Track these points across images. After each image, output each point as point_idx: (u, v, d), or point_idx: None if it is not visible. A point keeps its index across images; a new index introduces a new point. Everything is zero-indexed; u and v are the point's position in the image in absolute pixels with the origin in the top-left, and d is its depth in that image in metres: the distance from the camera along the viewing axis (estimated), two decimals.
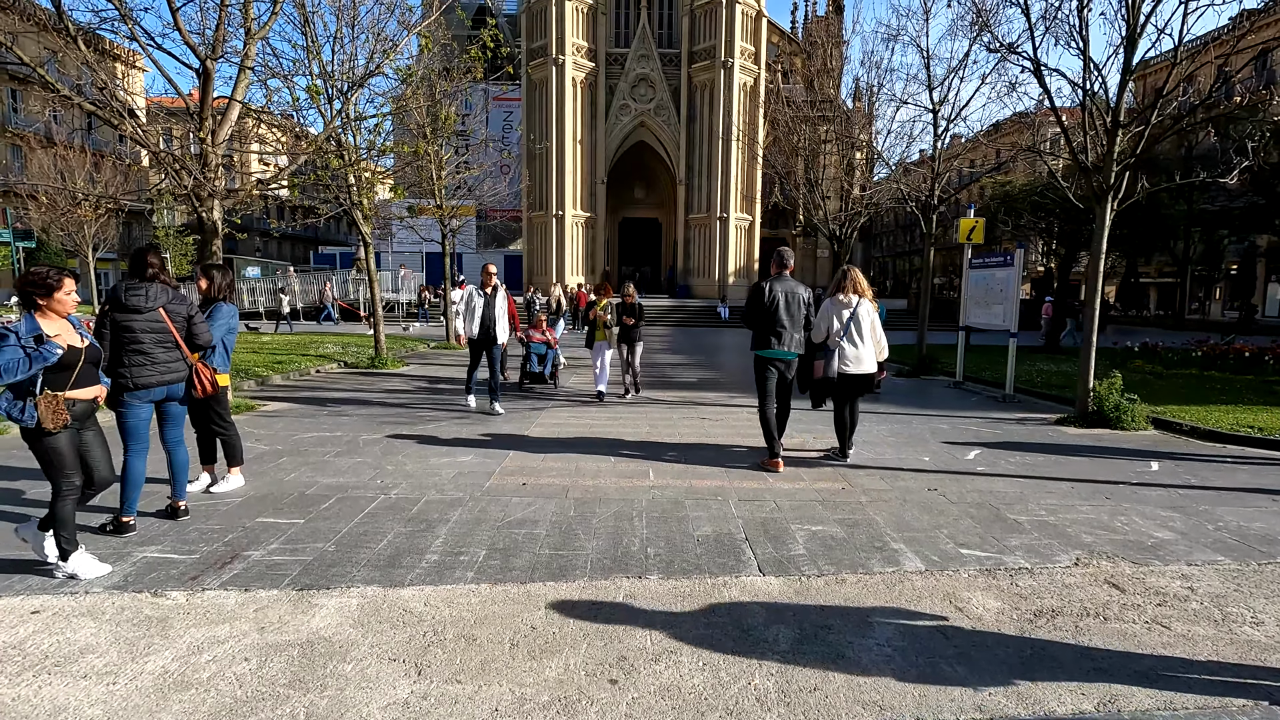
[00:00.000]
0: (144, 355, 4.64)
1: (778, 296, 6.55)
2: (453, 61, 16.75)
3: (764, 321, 6.55)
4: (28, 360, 3.60)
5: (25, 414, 3.65)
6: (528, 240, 41.29)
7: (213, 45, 8.44)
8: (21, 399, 3.66)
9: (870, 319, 6.72)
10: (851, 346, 6.62)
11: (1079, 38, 8.85)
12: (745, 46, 38.89)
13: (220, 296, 5.66)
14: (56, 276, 3.87)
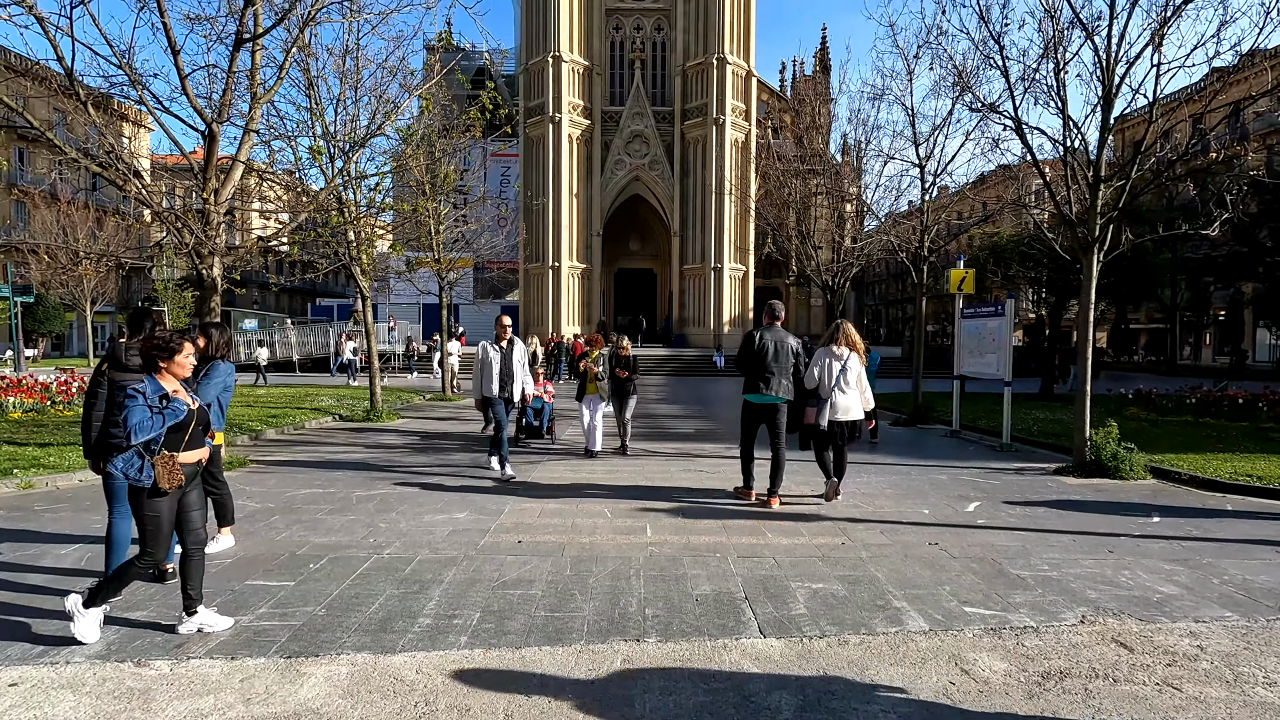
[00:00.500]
0: None
1: (768, 345, 7.02)
2: (453, 120, 17.26)
3: (754, 368, 7.06)
4: (160, 418, 3.75)
5: (144, 473, 3.75)
6: (524, 291, 41.69)
7: (219, 110, 8.68)
8: (140, 459, 3.77)
9: (858, 371, 7.17)
10: (842, 396, 7.06)
11: (1057, 98, 9.19)
12: (736, 104, 40.15)
13: (217, 354, 5.67)
14: (178, 341, 4.01)
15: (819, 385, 7.07)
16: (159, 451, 3.78)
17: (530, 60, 40.00)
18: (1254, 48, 8.47)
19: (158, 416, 3.74)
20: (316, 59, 12.30)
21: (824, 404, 6.98)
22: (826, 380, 7.03)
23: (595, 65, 40.60)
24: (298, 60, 11.10)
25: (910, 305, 55.24)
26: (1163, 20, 8.61)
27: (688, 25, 40.37)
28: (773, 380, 7.00)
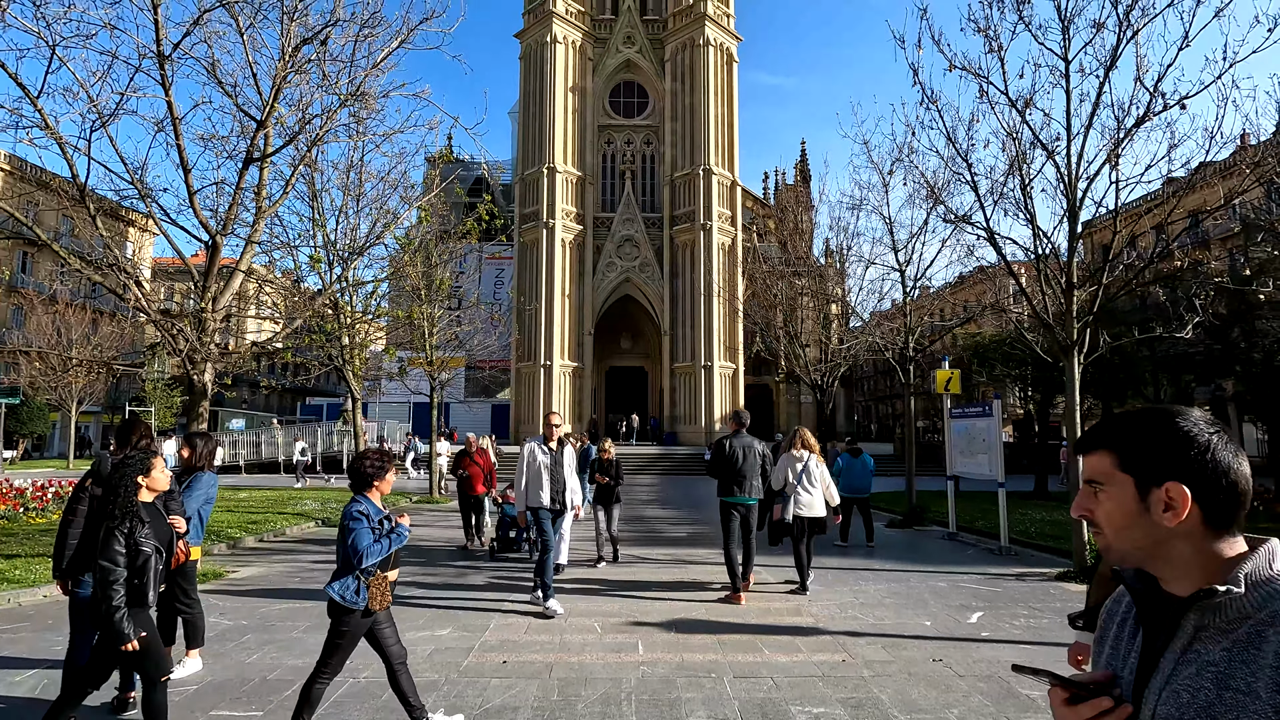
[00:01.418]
0: None
1: (736, 451, 7.64)
2: (450, 227, 17.92)
3: (726, 472, 7.61)
4: (387, 541, 3.77)
5: (360, 595, 3.72)
6: (516, 390, 41.80)
7: (224, 223, 9.00)
8: (356, 580, 3.75)
9: (819, 470, 7.91)
10: (805, 493, 7.74)
11: (1025, 211, 9.70)
12: (722, 211, 42.03)
13: (200, 465, 5.59)
14: (390, 460, 4.10)
15: (783, 485, 7.82)
16: (373, 573, 3.77)
17: (526, 171, 42.07)
18: (1204, 162, 9.08)
19: (384, 540, 3.75)
20: (321, 173, 12.91)
21: (786, 501, 7.73)
22: (790, 478, 7.81)
23: (588, 175, 42.72)
24: (303, 175, 11.64)
25: (899, 401, 55.62)
26: (1116, 141, 9.25)
27: (675, 140, 42.89)
28: (744, 483, 7.58)
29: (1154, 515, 1.10)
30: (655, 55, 44.09)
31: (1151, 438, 1.13)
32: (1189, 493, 1.07)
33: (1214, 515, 1.09)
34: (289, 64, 8.87)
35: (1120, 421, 1.20)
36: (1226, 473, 1.09)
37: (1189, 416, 1.16)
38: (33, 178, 39.59)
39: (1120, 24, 9.10)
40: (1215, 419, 1.16)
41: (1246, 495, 1.10)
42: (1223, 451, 1.10)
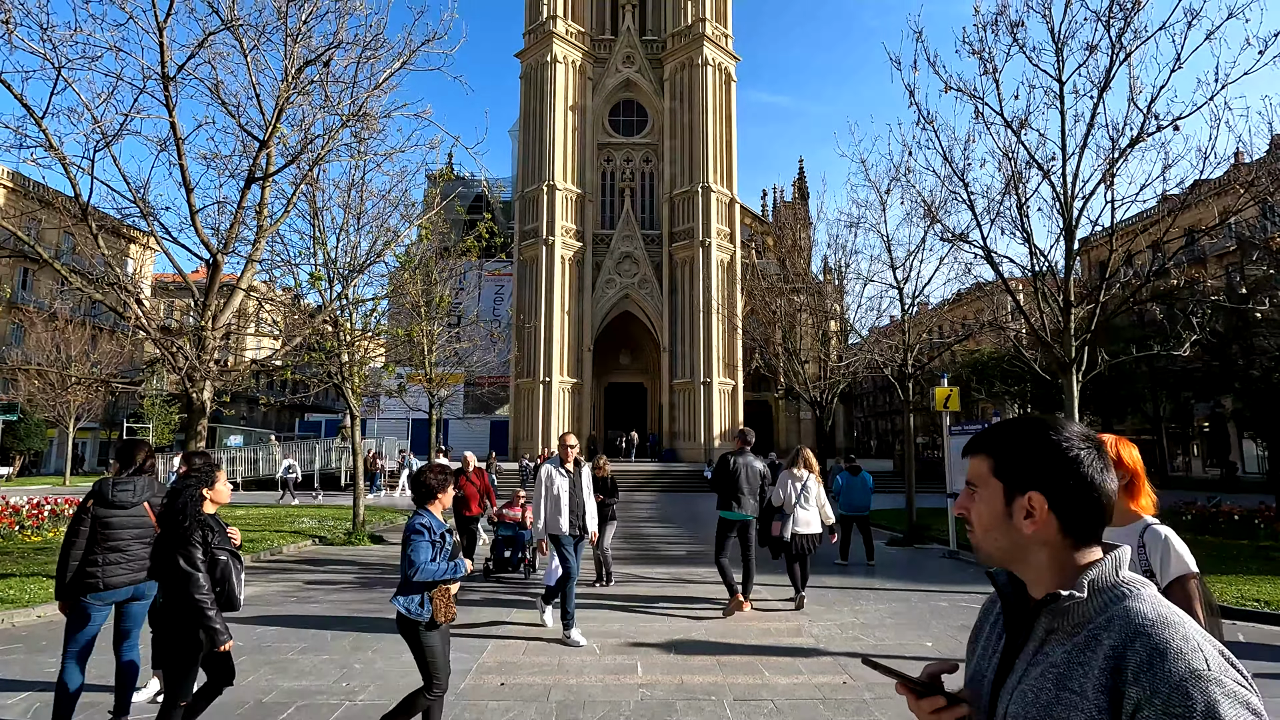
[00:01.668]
0: (120, 553, 4.45)
1: (739, 469, 7.95)
2: (450, 244, 18.00)
3: (727, 488, 7.91)
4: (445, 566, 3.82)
5: (424, 608, 3.77)
6: (514, 406, 41.75)
7: (225, 241, 9.05)
8: (420, 593, 3.79)
9: (816, 490, 8.25)
10: (803, 511, 8.06)
11: (1022, 230, 9.77)
12: (721, 228, 42.26)
13: None
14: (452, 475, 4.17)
15: (783, 503, 8.09)
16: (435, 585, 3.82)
17: (526, 188, 42.35)
18: (1198, 180, 9.17)
19: (443, 563, 3.80)
20: (323, 191, 12.99)
21: (786, 519, 8.01)
22: (790, 499, 8.09)
23: (587, 193, 43.00)
24: (305, 193, 11.72)
25: (898, 417, 55.56)
26: (1111, 161, 9.35)
27: (674, 158, 43.23)
28: (743, 499, 7.90)
29: (1016, 521, 1.16)
30: (654, 74, 44.57)
31: (1021, 447, 1.19)
32: (1046, 503, 1.12)
33: (1072, 526, 1.14)
34: (292, 85, 8.96)
35: (1001, 429, 1.25)
36: (1089, 487, 1.13)
37: (1062, 430, 1.19)
38: (35, 194, 39.81)
39: (1113, 46, 9.24)
40: (1091, 434, 1.20)
41: (1107, 509, 1.14)
42: (1089, 467, 1.14)
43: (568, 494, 6.94)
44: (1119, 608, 1.06)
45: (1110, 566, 1.11)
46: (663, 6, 45.27)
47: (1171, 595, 2.11)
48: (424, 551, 3.74)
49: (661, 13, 45.33)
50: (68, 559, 4.39)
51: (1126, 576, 1.11)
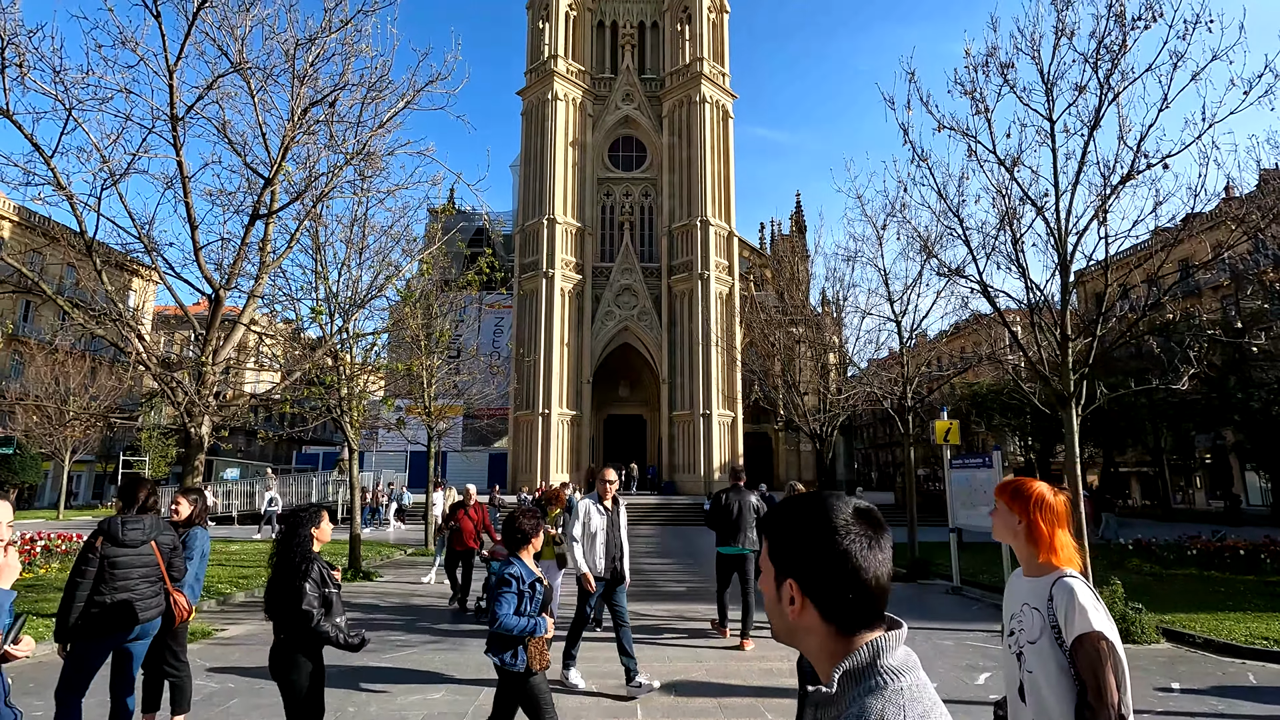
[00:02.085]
0: (128, 592, 4.39)
1: (733, 504, 8.18)
2: (450, 277, 18.13)
3: (723, 525, 8.14)
4: (528, 622, 3.76)
5: (518, 659, 3.74)
6: (513, 439, 41.57)
7: (228, 277, 9.13)
8: (510, 647, 3.74)
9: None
10: None
11: (1017, 265, 9.86)
12: (719, 261, 42.62)
13: (195, 521, 5.54)
14: (539, 524, 4.12)
15: None
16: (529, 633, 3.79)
17: (526, 222, 42.83)
18: (1190, 213, 9.29)
19: (527, 619, 3.77)
20: (326, 226, 13.14)
21: None
22: None
23: (587, 226, 43.48)
24: (307, 229, 11.85)
25: (899, 448, 55.28)
26: (1103, 198, 9.47)
27: (672, 192, 43.82)
28: (740, 535, 8.05)
29: (783, 606, 1.12)
30: (653, 111, 45.43)
31: (784, 530, 1.14)
32: (800, 589, 1.08)
33: (831, 613, 1.08)
34: (298, 125, 9.14)
35: (778, 508, 1.21)
36: (846, 572, 1.07)
37: (827, 510, 1.13)
38: (40, 228, 40.21)
39: (1101, 87, 9.44)
40: (866, 512, 1.13)
41: (875, 596, 1.08)
42: (847, 550, 1.08)
43: (604, 533, 6.58)
44: (858, 704, 1.00)
45: (865, 655, 1.05)
46: (661, 46, 46.37)
47: (1078, 654, 2.04)
48: (508, 604, 3.71)
49: (660, 52, 46.42)
50: (73, 599, 4.28)
51: (884, 664, 1.03)
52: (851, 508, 1.14)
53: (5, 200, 40.53)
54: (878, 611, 1.10)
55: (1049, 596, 2.16)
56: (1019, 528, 2.33)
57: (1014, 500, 2.35)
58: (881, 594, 1.09)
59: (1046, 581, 2.21)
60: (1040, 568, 2.27)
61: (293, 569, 3.83)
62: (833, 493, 1.17)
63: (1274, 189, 12.50)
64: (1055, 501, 2.29)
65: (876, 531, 1.11)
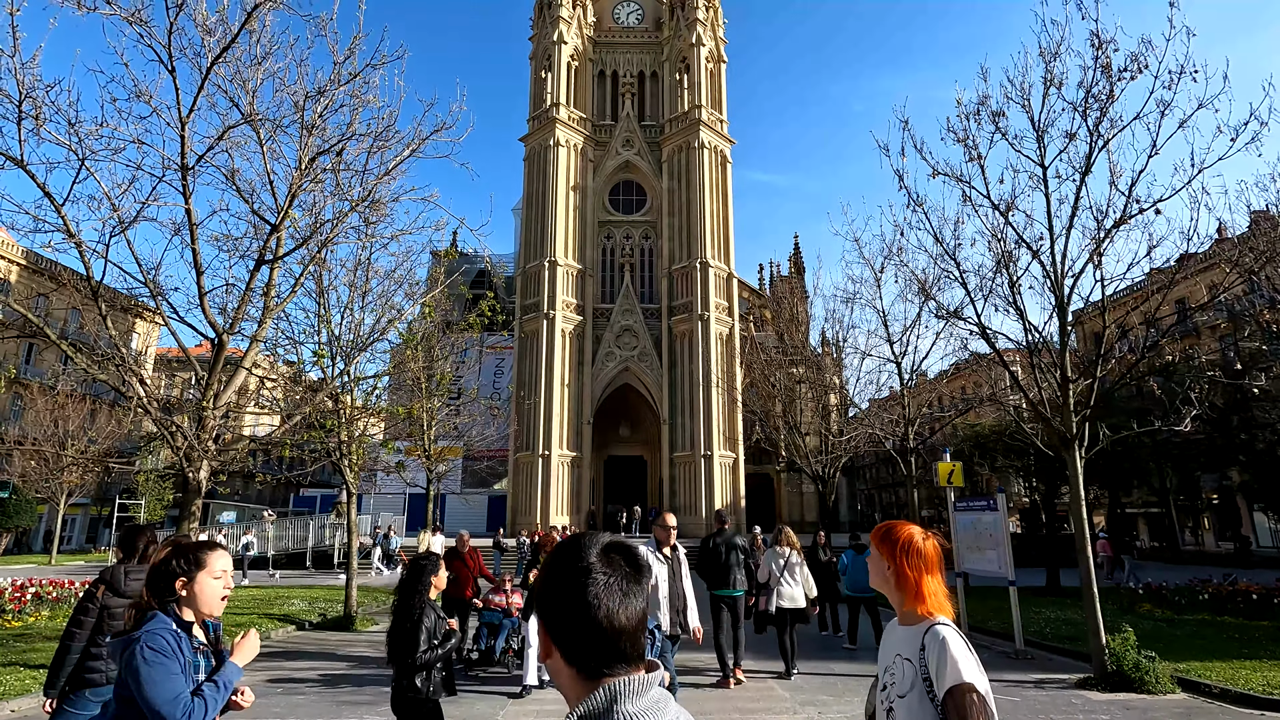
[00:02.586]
0: None
1: (720, 548, 8.60)
2: (452, 317, 18.25)
3: (712, 568, 8.51)
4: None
5: None
6: (513, 480, 41.21)
7: (232, 322, 9.19)
8: None
9: (800, 565, 8.94)
10: (788, 587, 8.72)
11: (1015, 307, 9.94)
12: (719, 302, 42.91)
13: None
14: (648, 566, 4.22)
15: (768, 578, 8.75)
16: None
17: (528, 264, 43.29)
18: (1185, 253, 9.40)
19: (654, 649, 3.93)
20: (330, 270, 13.28)
21: (771, 593, 8.70)
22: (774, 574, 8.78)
23: (588, 268, 43.93)
24: (311, 273, 11.98)
25: (902, 489, 54.74)
26: (1097, 241, 9.60)
27: (672, 234, 44.40)
28: (730, 576, 8.47)
29: (544, 647, 1.12)
30: (653, 156, 46.36)
31: (540, 575, 1.16)
32: (547, 633, 1.09)
33: (572, 656, 1.07)
34: (305, 173, 9.32)
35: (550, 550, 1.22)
36: (585, 616, 1.06)
37: (570, 552, 1.13)
38: (47, 271, 40.64)
39: (1091, 134, 9.66)
40: (618, 552, 1.13)
41: (612, 638, 1.06)
42: (587, 594, 1.07)
43: (666, 584, 5.92)
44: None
45: (601, 699, 1.03)
46: (660, 95, 47.58)
47: (948, 708, 1.94)
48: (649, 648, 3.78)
49: (659, 100, 47.61)
50: (68, 651, 4.15)
51: (622, 709, 1.02)
52: (599, 548, 1.13)
53: (13, 244, 41.08)
54: (620, 653, 1.07)
55: (920, 646, 2.08)
56: (888, 574, 2.23)
57: (882, 544, 2.27)
58: (620, 635, 1.07)
59: (919, 631, 2.12)
60: (912, 616, 2.18)
61: (411, 616, 4.05)
62: (589, 534, 1.17)
63: (1265, 231, 12.67)
64: (924, 546, 2.20)
65: (625, 572, 1.10)
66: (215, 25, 8.46)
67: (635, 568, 1.12)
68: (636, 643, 1.09)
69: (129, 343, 38.67)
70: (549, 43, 45.79)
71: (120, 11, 7.82)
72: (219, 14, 8.48)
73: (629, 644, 1.07)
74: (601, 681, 1.06)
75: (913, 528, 2.25)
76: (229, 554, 2.84)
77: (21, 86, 7.65)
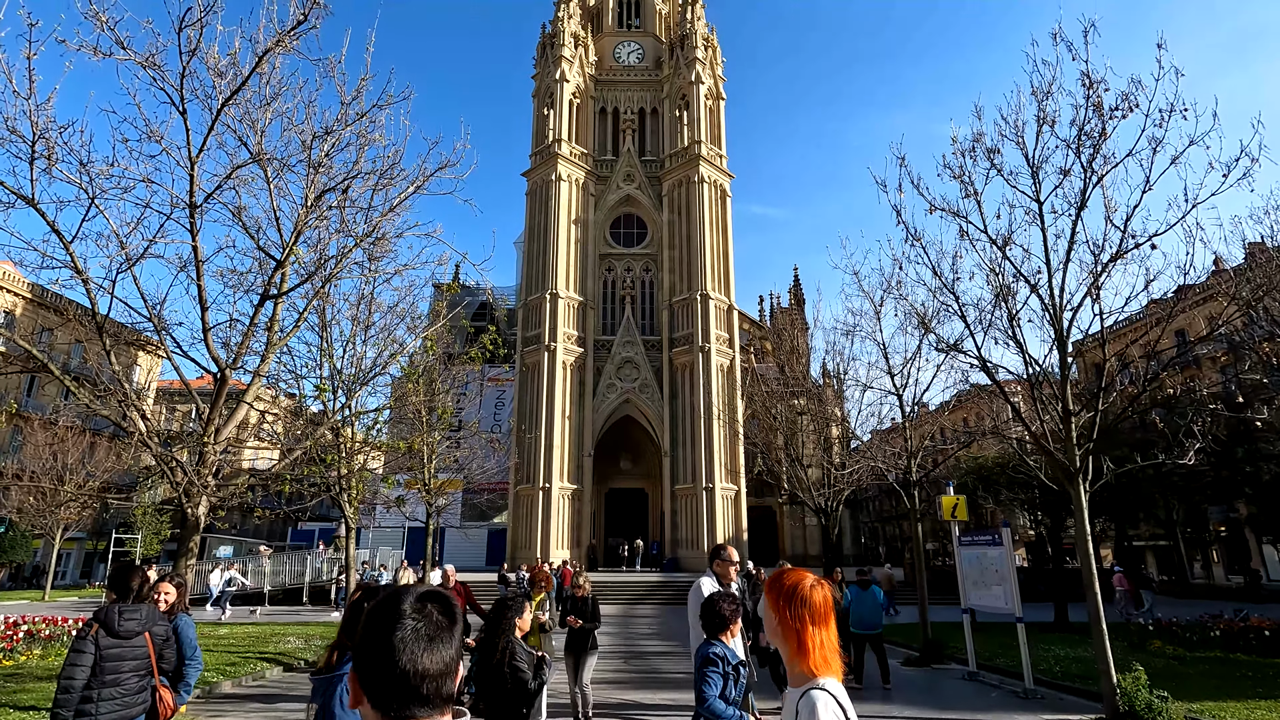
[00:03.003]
0: (118, 687, 4.21)
1: None
2: (453, 349, 18.31)
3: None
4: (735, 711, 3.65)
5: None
6: (513, 514, 40.85)
7: (235, 357, 9.24)
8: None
9: None
10: None
11: (1014, 340, 9.97)
12: (720, 333, 43.07)
13: (178, 608, 5.40)
14: (738, 609, 4.14)
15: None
16: None
17: (529, 296, 43.58)
18: (1183, 285, 9.46)
19: (740, 686, 3.73)
20: (333, 305, 13.39)
21: None
22: None
23: (589, 300, 44.21)
24: (315, 308, 12.07)
25: (906, 522, 54.17)
26: (1095, 275, 9.68)
27: (673, 267, 44.77)
28: None
29: (354, 695, 1.15)
30: (653, 190, 47.01)
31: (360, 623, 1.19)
32: (357, 678, 1.12)
33: (377, 701, 1.11)
34: (311, 210, 9.46)
35: None
36: (387, 662, 1.10)
37: (380, 603, 1.17)
38: (52, 305, 40.91)
39: (1085, 170, 9.80)
40: (430, 602, 1.17)
41: (414, 685, 1.10)
42: (392, 642, 1.11)
43: None
44: None
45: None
46: (660, 131, 48.46)
47: None
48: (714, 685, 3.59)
49: (659, 136, 48.48)
50: (68, 693, 4.06)
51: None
52: (415, 598, 1.18)
53: (19, 277, 41.44)
54: (421, 698, 1.12)
55: (794, 713, 1.89)
56: (776, 626, 2.02)
57: (769, 593, 2.07)
58: (423, 680, 1.11)
59: (796, 695, 1.92)
60: (797, 676, 1.96)
61: (499, 654, 4.06)
62: (411, 586, 1.22)
63: (1261, 263, 12.77)
64: (810, 595, 1.99)
65: (436, 621, 1.15)
66: (226, 68, 8.67)
67: (449, 616, 1.17)
68: (441, 688, 1.14)
69: (131, 376, 38.72)
70: (551, 81, 46.80)
71: (135, 56, 8.03)
72: (230, 57, 8.70)
73: (432, 689, 1.12)
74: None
75: (803, 575, 2.06)
76: None
77: (36, 128, 7.82)
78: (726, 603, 3.95)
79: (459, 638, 1.19)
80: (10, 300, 41.54)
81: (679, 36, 49.26)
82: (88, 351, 36.53)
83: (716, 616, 3.87)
